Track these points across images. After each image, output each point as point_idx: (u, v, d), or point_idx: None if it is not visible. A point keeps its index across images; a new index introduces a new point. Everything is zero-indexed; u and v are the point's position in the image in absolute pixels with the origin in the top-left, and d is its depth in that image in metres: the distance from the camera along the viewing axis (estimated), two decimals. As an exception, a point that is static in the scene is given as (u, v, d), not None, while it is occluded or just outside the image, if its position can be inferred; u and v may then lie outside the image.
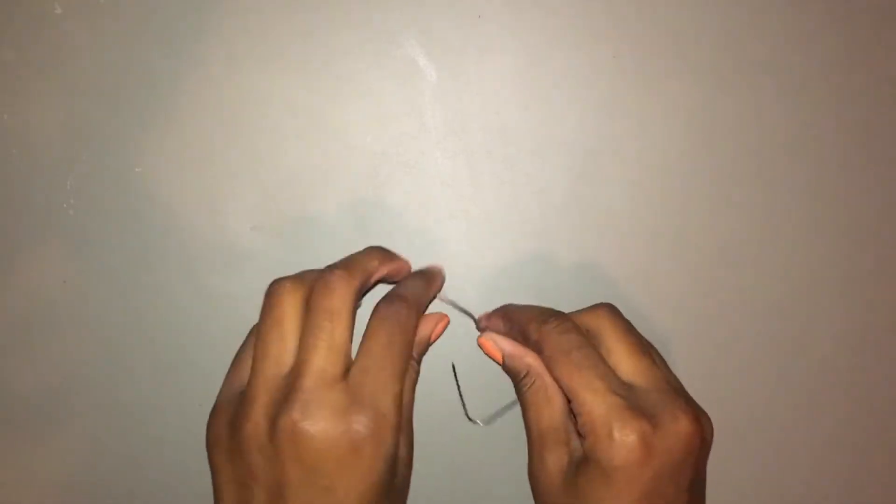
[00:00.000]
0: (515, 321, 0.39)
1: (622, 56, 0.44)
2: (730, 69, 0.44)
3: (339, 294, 0.35)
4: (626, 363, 0.36)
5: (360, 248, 0.44)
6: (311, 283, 0.36)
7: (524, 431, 0.39)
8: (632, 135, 0.44)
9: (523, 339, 0.38)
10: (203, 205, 0.44)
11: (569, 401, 0.36)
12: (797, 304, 0.44)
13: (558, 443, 0.36)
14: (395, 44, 0.43)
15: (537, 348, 0.37)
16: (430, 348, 0.40)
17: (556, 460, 0.36)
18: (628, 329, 0.37)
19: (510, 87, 0.44)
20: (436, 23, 0.43)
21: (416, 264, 0.44)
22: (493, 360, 0.39)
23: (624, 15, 0.44)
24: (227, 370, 0.44)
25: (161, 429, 0.44)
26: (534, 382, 0.38)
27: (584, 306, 0.44)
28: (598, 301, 0.44)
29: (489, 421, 0.42)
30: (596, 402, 0.34)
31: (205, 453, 0.36)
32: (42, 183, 0.44)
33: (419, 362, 0.39)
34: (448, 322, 0.40)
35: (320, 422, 0.33)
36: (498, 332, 0.40)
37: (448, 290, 0.44)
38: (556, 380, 0.36)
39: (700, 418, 0.35)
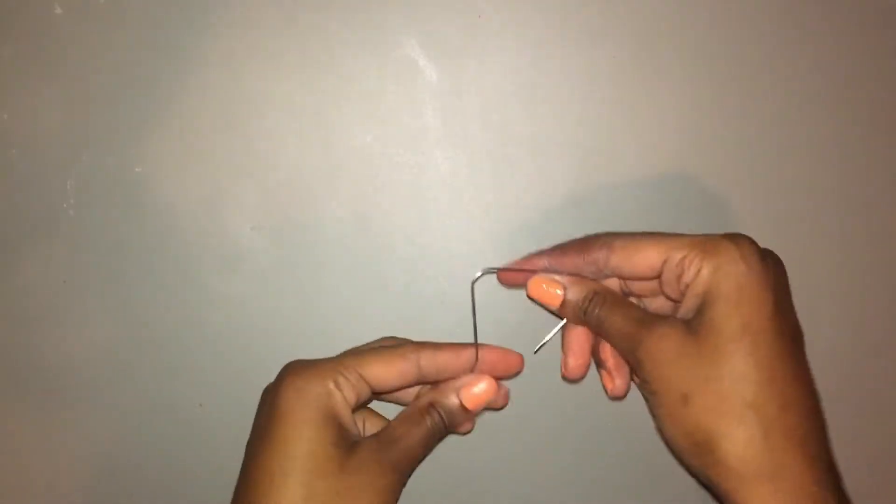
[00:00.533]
0: (567, 250, 0.38)
1: (622, 56, 0.44)
2: (730, 69, 0.44)
3: None
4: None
5: (360, 247, 0.44)
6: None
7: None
8: (632, 135, 0.44)
9: (575, 262, 0.38)
10: (203, 205, 0.44)
11: (658, 277, 0.36)
12: (798, 303, 0.44)
13: (659, 321, 0.35)
14: (395, 44, 0.43)
15: (607, 254, 0.37)
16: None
17: (662, 336, 0.35)
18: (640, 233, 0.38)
19: (510, 87, 0.44)
20: (436, 23, 0.43)
21: (416, 264, 0.44)
22: (548, 305, 0.39)
23: (623, 15, 0.44)
24: (226, 370, 0.44)
25: (161, 429, 0.44)
26: (605, 297, 0.37)
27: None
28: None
29: (538, 349, 0.41)
30: (693, 240, 0.35)
31: (204, 453, 0.36)
32: (42, 183, 0.44)
33: (443, 421, 0.37)
34: (493, 391, 0.38)
35: None
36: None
37: (448, 289, 0.44)
38: (637, 263, 0.36)
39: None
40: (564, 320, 0.40)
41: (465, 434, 0.41)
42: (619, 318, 0.36)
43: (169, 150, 0.44)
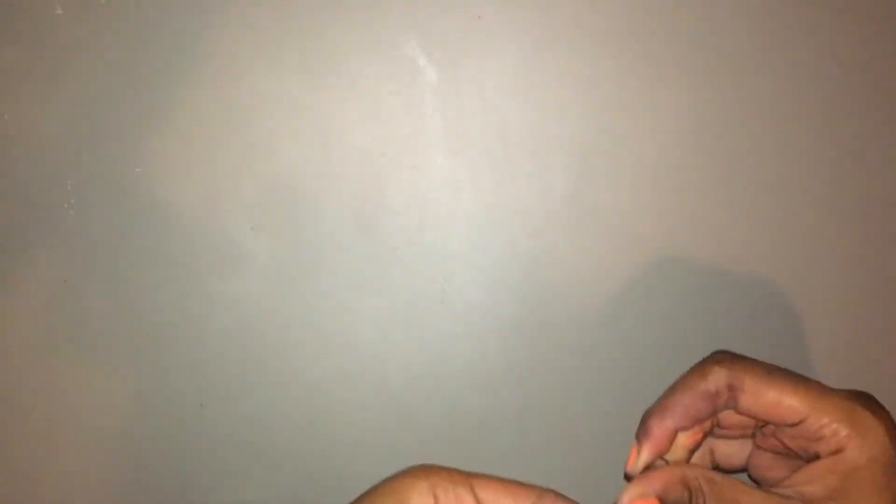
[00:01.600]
0: (682, 403, 0.33)
1: (622, 56, 0.44)
2: (730, 69, 0.44)
3: None
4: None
5: (360, 247, 0.44)
6: None
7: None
8: (632, 135, 0.44)
9: (702, 409, 0.33)
10: (203, 205, 0.44)
11: (790, 425, 0.32)
12: (797, 303, 0.44)
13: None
14: (395, 44, 0.43)
15: (732, 395, 0.33)
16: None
17: None
18: (766, 364, 0.34)
19: (510, 87, 0.44)
20: (436, 23, 0.43)
21: (416, 263, 0.44)
22: None
23: (623, 15, 0.44)
24: (226, 370, 0.44)
25: (162, 429, 0.44)
26: (708, 492, 0.32)
27: (584, 306, 0.44)
28: (598, 300, 0.44)
29: None
30: (837, 407, 0.32)
31: (204, 452, 0.36)
32: (42, 183, 0.44)
33: None
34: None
35: None
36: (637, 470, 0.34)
37: (448, 289, 0.44)
38: (770, 410, 0.32)
39: None
40: None
41: None
42: None
43: (169, 150, 0.44)
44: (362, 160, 0.44)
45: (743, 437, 0.36)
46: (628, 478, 0.34)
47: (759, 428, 0.35)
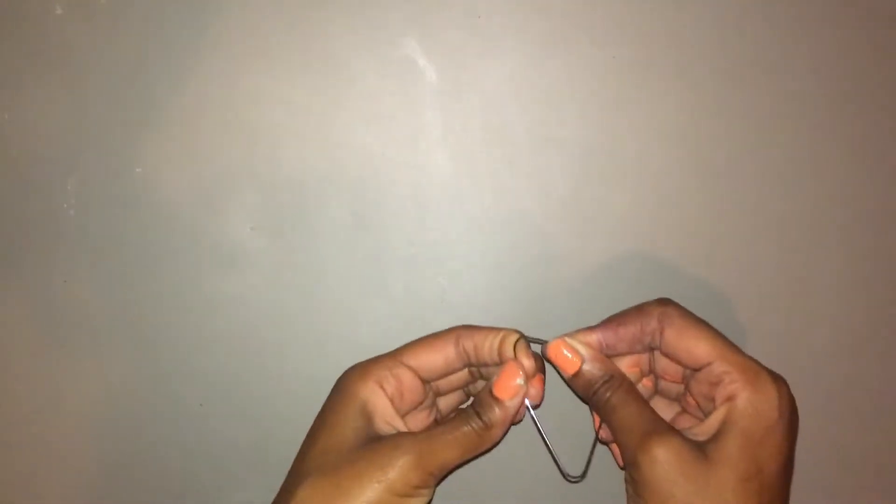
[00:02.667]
0: (616, 322, 0.38)
1: (622, 56, 0.44)
2: (729, 69, 0.44)
3: None
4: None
5: (360, 248, 0.44)
6: None
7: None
8: (632, 134, 0.44)
9: (633, 328, 0.37)
10: (203, 205, 0.44)
11: (695, 370, 0.36)
12: (796, 302, 0.44)
13: (671, 432, 0.35)
14: (394, 44, 0.43)
15: (660, 322, 0.37)
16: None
17: (669, 450, 0.34)
18: (700, 319, 0.38)
19: (510, 87, 0.44)
20: (436, 23, 0.43)
21: (416, 263, 0.44)
22: (562, 370, 0.37)
23: (623, 15, 0.44)
24: (226, 370, 0.44)
25: (161, 429, 0.44)
26: (620, 384, 0.37)
27: (584, 305, 0.44)
28: (598, 300, 0.44)
29: (584, 474, 0.39)
30: (744, 363, 0.35)
31: (204, 452, 0.37)
32: (42, 183, 0.44)
33: (481, 417, 0.36)
34: (517, 375, 0.37)
35: None
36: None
37: (448, 289, 0.44)
38: (683, 351, 0.36)
39: None
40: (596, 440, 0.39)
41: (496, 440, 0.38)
42: (630, 412, 0.36)
43: (169, 150, 0.44)
44: (362, 160, 0.44)
45: (674, 397, 0.40)
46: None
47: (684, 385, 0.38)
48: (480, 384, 0.40)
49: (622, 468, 0.38)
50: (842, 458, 0.45)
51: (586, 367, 0.37)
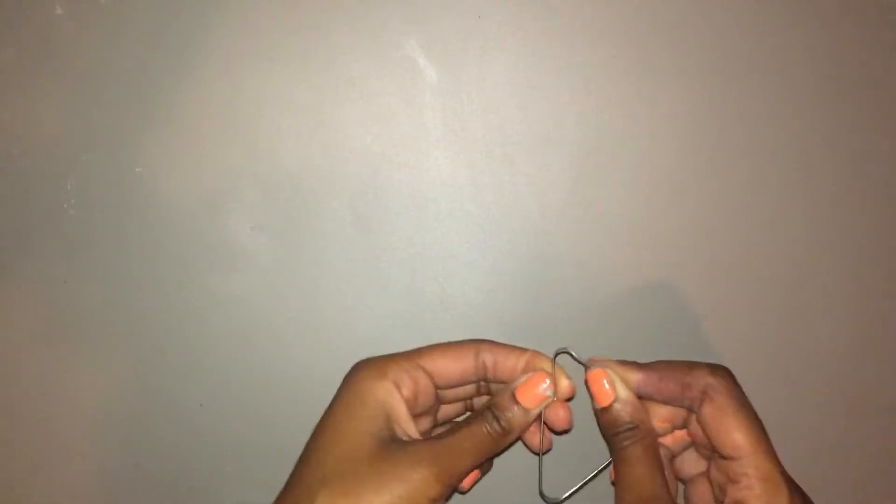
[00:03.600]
0: (660, 372, 0.36)
1: (622, 56, 0.44)
2: (729, 69, 0.44)
3: None
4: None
5: (360, 247, 0.44)
6: None
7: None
8: (632, 134, 0.44)
9: (675, 386, 0.36)
10: (203, 205, 0.44)
11: (722, 457, 0.35)
12: (796, 302, 0.44)
13: None
14: (395, 44, 0.43)
15: (704, 394, 0.35)
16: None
17: None
18: (746, 401, 0.36)
19: (510, 87, 0.44)
20: (436, 23, 0.43)
21: (416, 263, 0.44)
22: (595, 400, 0.36)
23: (623, 15, 0.44)
24: (226, 370, 0.44)
25: (161, 428, 0.44)
26: (643, 437, 0.35)
27: (584, 305, 0.44)
28: (598, 300, 0.44)
29: (562, 501, 0.39)
30: (772, 472, 0.34)
31: (204, 452, 0.36)
32: (42, 183, 0.44)
33: (499, 422, 0.36)
34: (543, 381, 0.36)
35: None
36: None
37: (448, 289, 0.44)
38: (715, 435, 0.34)
39: None
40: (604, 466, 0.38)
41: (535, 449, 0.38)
42: (639, 471, 0.35)
43: (169, 150, 0.44)
44: (362, 160, 0.44)
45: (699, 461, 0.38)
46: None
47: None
48: (484, 399, 0.39)
49: None
50: (842, 459, 0.45)
51: (618, 405, 0.36)
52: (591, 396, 0.37)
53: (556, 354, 0.37)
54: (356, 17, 0.43)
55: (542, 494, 0.39)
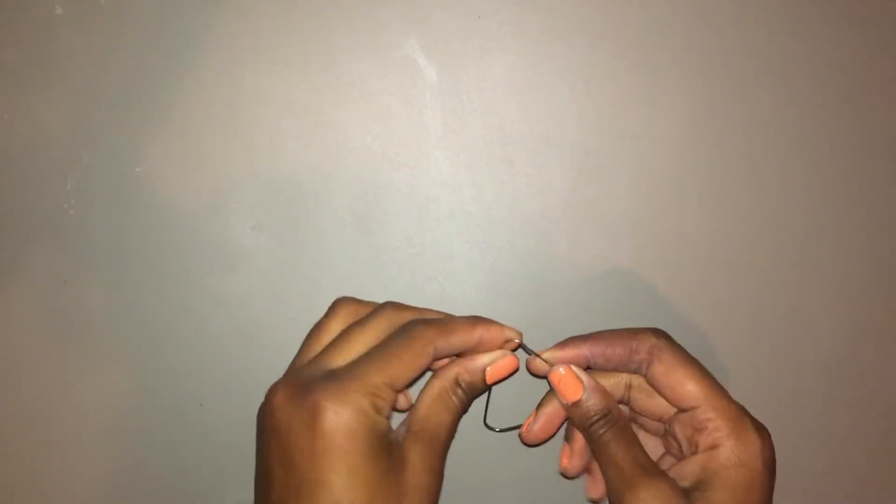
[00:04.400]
0: (606, 340, 0.37)
1: (622, 56, 0.44)
2: (730, 69, 0.44)
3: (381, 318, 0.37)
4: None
5: (360, 247, 0.44)
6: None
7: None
8: (632, 134, 0.44)
9: (622, 351, 0.37)
10: (203, 204, 0.44)
11: (679, 410, 0.36)
12: (797, 302, 0.44)
13: (660, 477, 0.35)
14: (395, 44, 0.43)
15: (651, 354, 0.37)
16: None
17: (657, 494, 0.34)
18: (691, 356, 0.38)
19: (510, 87, 0.44)
20: (436, 23, 0.43)
21: (416, 263, 0.44)
22: (562, 396, 0.37)
23: (623, 15, 0.44)
24: (226, 370, 0.44)
25: (161, 428, 0.44)
26: (616, 421, 0.37)
27: (584, 305, 0.44)
28: (598, 300, 0.44)
29: (504, 430, 0.41)
30: (728, 411, 0.35)
31: (204, 452, 0.36)
32: (42, 183, 0.44)
33: (468, 397, 0.37)
34: (515, 366, 0.38)
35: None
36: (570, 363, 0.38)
37: (448, 289, 0.44)
38: (669, 390, 0.36)
39: None
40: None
41: None
42: (621, 451, 0.36)
43: (169, 150, 0.44)
44: (362, 160, 0.44)
45: (655, 433, 0.39)
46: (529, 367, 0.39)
47: (666, 425, 0.38)
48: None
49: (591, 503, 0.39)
50: (842, 458, 0.45)
51: (585, 397, 0.37)
52: (558, 394, 0.38)
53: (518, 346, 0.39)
54: (356, 17, 0.43)
55: (485, 424, 0.41)
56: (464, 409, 0.37)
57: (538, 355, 0.38)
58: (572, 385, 0.37)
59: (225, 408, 0.44)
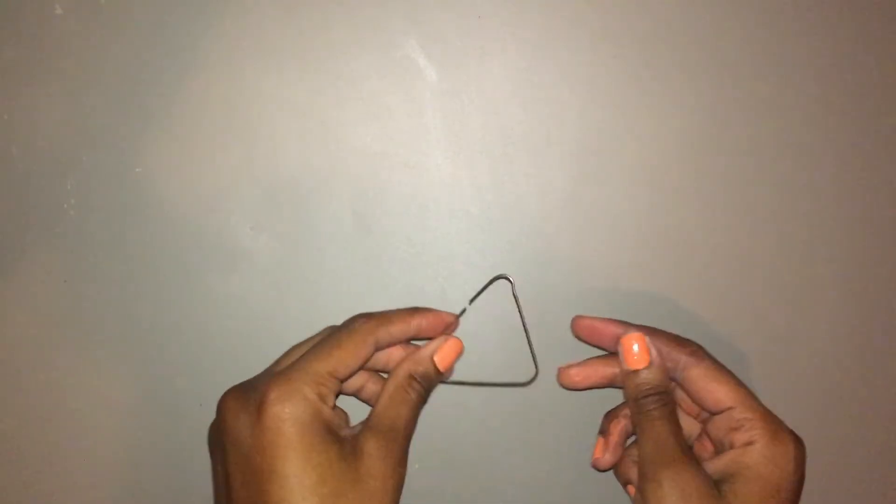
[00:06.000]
0: (656, 333, 0.39)
1: (622, 56, 0.44)
2: (729, 69, 0.44)
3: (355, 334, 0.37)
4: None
5: (360, 247, 0.44)
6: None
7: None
8: (632, 134, 0.44)
9: (664, 350, 0.38)
10: (203, 205, 0.44)
11: (713, 413, 0.37)
12: (796, 302, 0.44)
13: (696, 464, 0.36)
14: (395, 44, 0.43)
15: (690, 362, 0.38)
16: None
17: (696, 481, 0.35)
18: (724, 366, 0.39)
19: (510, 87, 0.44)
20: (436, 23, 0.43)
21: (416, 262, 0.44)
22: (627, 363, 0.38)
23: (623, 16, 0.44)
24: (227, 370, 0.44)
25: (161, 428, 0.44)
26: (668, 401, 0.37)
27: (584, 305, 0.44)
28: (598, 300, 0.44)
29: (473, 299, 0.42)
30: (765, 414, 0.36)
31: (204, 452, 0.36)
32: (42, 183, 0.44)
33: (424, 388, 0.38)
34: (460, 348, 0.39)
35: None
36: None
37: (448, 289, 0.44)
38: (708, 392, 0.37)
39: None
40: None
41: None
42: (666, 430, 0.37)
43: (169, 150, 0.44)
44: (362, 160, 0.44)
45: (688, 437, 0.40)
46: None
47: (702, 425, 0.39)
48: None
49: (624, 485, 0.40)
50: (842, 458, 0.45)
51: (648, 373, 0.38)
52: (623, 359, 0.39)
53: (461, 312, 0.41)
54: (356, 17, 0.43)
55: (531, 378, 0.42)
56: (422, 400, 0.38)
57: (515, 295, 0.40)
58: (642, 354, 0.38)
59: (225, 408, 0.44)
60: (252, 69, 0.43)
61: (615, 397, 0.41)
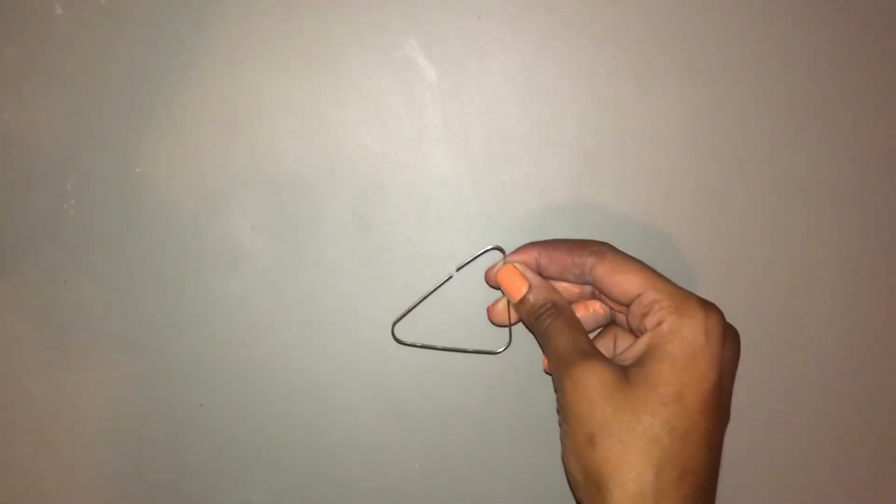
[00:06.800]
0: (553, 244, 0.39)
1: (622, 56, 0.44)
2: (729, 69, 0.44)
3: None
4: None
5: (360, 247, 0.44)
6: None
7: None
8: (632, 134, 0.44)
9: (567, 254, 0.38)
10: (203, 205, 0.44)
11: (626, 304, 0.37)
12: (796, 302, 0.44)
13: (596, 358, 0.35)
14: (395, 44, 0.43)
15: (595, 253, 0.37)
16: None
17: (591, 373, 0.34)
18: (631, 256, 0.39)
19: (510, 87, 0.44)
20: (436, 23, 0.43)
21: (415, 263, 0.44)
22: (511, 295, 0.39)
23: (624, 15, 0.44)
24: (227, 370, 0.44)
25: (161, 428, 0.44)
26: (560, 312, 0.38)
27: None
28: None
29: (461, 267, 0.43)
30: (673, 291, 0.35)
31: (204, 452, 0.36)
32: (42, 183, 0.44)
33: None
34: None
35: None
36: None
37: (448, 289, 0.44)
38: (615, 285, 0.37)
39: None
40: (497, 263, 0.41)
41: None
42: (562, 338, 0.37)
43: (169, 150, 0.44)
44: (362, 160, 0.44)
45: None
46: (487, 279, 0.41)
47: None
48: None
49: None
50: (842, 458, 0.45)
51: (531, 294, 0.39)
52: (507, 294, 0.40)
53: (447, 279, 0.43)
54: (356, 17, 0.43)
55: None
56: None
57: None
58: (517, 282, 0.39)
59: (225, 408, 0.44)
60: (252, 69, 0.43)
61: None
